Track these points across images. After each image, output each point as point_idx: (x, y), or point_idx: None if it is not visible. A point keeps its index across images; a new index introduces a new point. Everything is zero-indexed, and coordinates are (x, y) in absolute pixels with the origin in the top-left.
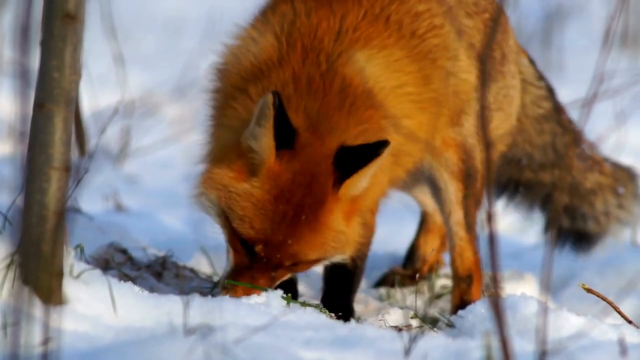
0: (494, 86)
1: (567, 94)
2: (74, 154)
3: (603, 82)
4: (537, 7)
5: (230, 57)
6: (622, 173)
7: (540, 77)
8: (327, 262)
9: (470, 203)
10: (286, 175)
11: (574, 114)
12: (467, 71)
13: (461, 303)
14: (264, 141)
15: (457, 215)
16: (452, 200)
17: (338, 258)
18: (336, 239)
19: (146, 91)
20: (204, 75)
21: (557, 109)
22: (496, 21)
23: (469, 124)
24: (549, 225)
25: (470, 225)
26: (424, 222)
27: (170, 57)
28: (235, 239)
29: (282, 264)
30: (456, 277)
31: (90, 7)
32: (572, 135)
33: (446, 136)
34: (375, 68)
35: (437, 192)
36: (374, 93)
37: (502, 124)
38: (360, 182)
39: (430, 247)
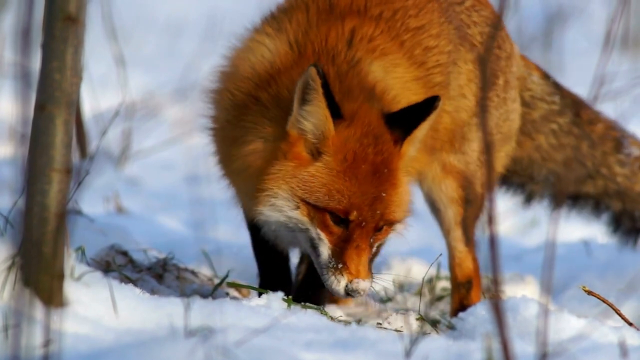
0: (496, 113)
1: None
2: (75, 156)
3: (604, 84)
4: (538, 9)
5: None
6: None
7: (554, 92)
8: (398, 231)
9: (469, 221)
10: (352, 140)
11: None
12: (452, 110)
13: (461, 307)
14: (320, 114)
15: (456, 233)
16: (450, 221)
17: (402, 227)
18: (406, 199)
19: (147, 93)
20: (206, 76)
21: (582, 122)
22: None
23: (471, 149)
24: (616, 228)
25: (469, 238)
26: None
27: (171, 59)
28: (326, 217)
29: (375, 225)
30: (455, 283)
31: (91, 9)
32: (612, 143)
33: (447, 162)
34: (395, 81)
35: (436, 212)
36: (393, 103)
37: (502, 147)
38: (418, 139)
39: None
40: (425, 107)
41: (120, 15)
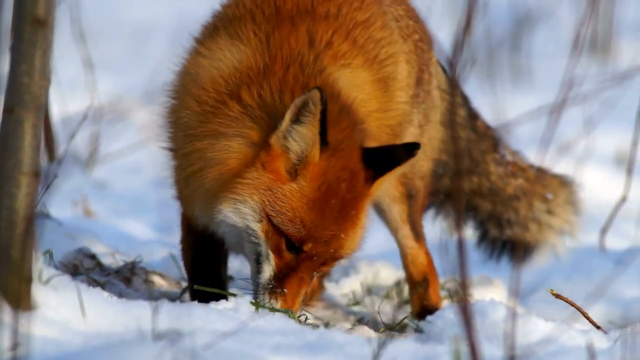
0: (424, 105)
1: (536, 99)
2: (43, 159)
3: (572, 88)
4: (506, 12)
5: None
6: (553, 180)
7: (453, 85)
8: (346, 260)
9: (415, 216)
10: (332, 171)
11: (542, 120)
12: (405, 101)
13: (421, 308)
14: (310, 138)
15: (404, 230)
16: (397, 220)
17: (347, 260)
18: (361, 236)
19: (115, 96)
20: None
21: (472, 116)
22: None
23: None
24: (482, 239)
25: (418, 233)
26: None
27: (139, 63)
28: (282, 242)
29: (326, 260)
30: (412, 283)
31: (59, 12)
32: (490, 141)
33: None
34: (354, 90)
35: (380, 212)
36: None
37: (435, 134)
38: (389, 181)
39: None
40: (404, 151)
41: (88, 19)
